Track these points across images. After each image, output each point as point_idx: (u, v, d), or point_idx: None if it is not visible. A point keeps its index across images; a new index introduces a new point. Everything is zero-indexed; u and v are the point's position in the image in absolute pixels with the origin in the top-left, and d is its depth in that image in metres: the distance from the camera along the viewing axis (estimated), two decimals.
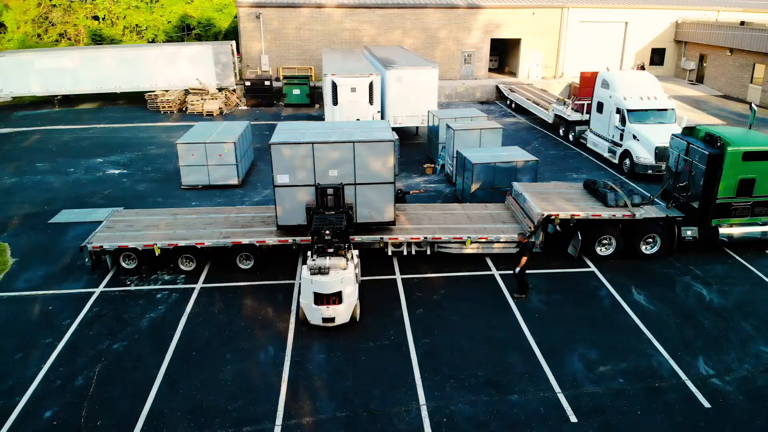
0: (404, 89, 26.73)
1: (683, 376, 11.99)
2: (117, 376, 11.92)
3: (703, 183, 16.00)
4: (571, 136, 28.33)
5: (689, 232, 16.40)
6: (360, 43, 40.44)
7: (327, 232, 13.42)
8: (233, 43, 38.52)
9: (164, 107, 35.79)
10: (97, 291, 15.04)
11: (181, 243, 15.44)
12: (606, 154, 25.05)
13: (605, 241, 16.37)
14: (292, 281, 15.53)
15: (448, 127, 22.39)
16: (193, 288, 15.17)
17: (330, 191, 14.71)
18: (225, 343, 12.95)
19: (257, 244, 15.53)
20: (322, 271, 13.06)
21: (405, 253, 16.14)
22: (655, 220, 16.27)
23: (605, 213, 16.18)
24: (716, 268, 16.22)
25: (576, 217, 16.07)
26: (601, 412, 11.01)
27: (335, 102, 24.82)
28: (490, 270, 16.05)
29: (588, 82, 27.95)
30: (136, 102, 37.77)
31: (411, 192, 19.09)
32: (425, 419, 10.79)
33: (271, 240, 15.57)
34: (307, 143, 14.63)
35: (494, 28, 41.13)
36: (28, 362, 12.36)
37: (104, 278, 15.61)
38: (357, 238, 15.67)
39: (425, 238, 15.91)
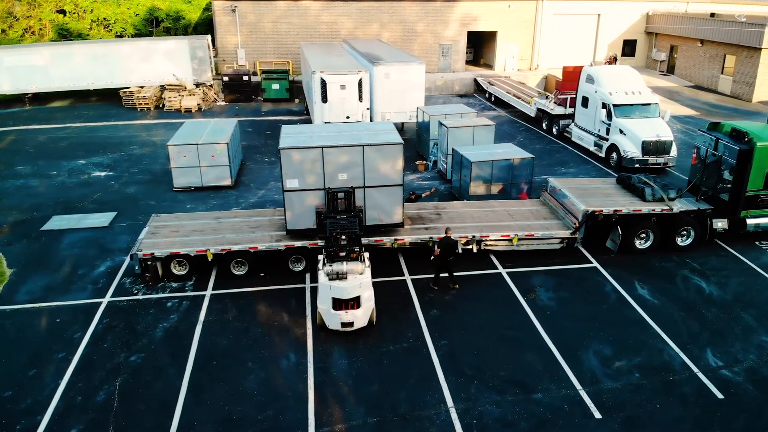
0: (391, 86, 26.75)
1: (694, 369, 12.48)
2: (139, 390, 11.77)
3: (733, 177, 16.68)
4: (554, 130, 28.82)
5: (720, 224, 17.12)
6: (337, 36, 40.18)
7: (343, 237, 13.45)
8: (209, 37, 37.80)
9: (140, 104, 34.97)
10: (105, 301, 14.76)
11: (234, 248, 15.31)
12: (592, 148, 25.59)
13: (643, 235, 16.94)
14: (301, 285, 15.51)
15: (441, 124, 22.55)
16: (203, 295, 15.02)
17: (341, 195, 14.70)
18: (245, 351, 12.90)
19: (309, 247, 15.51)
20: (340, 276, 13.12)
21: None
22: (689, 213, 16.94)
23: (645, 208, 16.80)
24: (711, 260, 16.84)
25: (619, 213, 16.58)
26: (622, 407, 11.39)
27: (324, 99, 24.69)
28: (497, 268, 16.33)
29: (571, 76, 28.47)
30: (109, 99, 36.78)
31: (424, 194, 19.10)
32: (455, 421, 11.00)
33: (322, 243, 15.43)
34: (316, 147, 14.59)
35: (471, 21, 41.36)
36: (43, 379, 12.10)
37: (110, 288, 15.33)
38: (407, 238, 15.90)
39: (473, 236, 16.16)
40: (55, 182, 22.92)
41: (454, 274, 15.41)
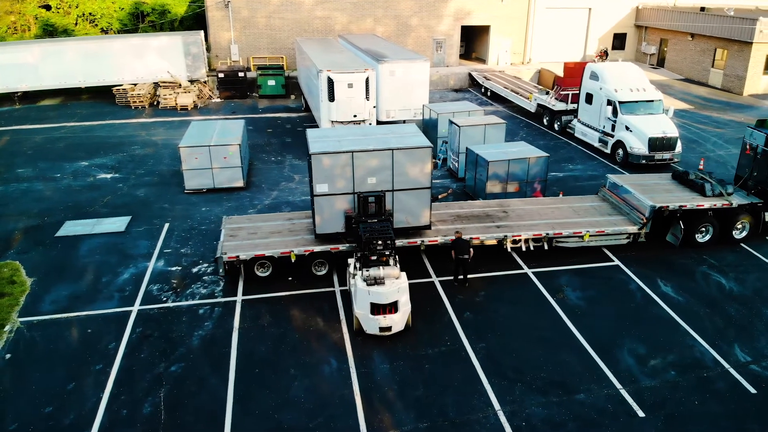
0: (397, 83, 26.79)
1: (725, 365, 12.84)
2: (185, 401, 11.72)
3: None
4: (556, 126, 29.11)
5: None
6: (332, 31, 39.94)
7: (379, 242, 13.49)
8: (202, 32, 37.27)
9: (135, 102, 34.42)
10: (134, 310, 14.61)
11: (317, 249, 15.46)
12: (596, 144, 25.92)
13: (703, 229, 17.48)
14: (330, 289, 15.53)
15: (452, 123, 22.64)
16: (235, 301, 14.95)
17: (371, 199, 14.73)
18: (285, 358, 12.90)
19: None
20: (378, 281, 13.17)
21: (524, 248, 16.69)
22: (743, 207, 17.52)
23: (706, 203, 17.30)
24: (727, 256, 17.25)
25: (684, 208, 17.12)
26: (663, 405, 11.68)
27: (332, 98, 24.55)
28: (522, 268, 16.54)
29: (572, 72, 28.74)
30: (101, 97, 36.12)
31: (440, 196, 19.15)
32: (505, 424, 11.17)
33: (400, 242, 15.83)
34: (347, 152, 14.57)
35: (464, 15, 41.43)
36: (84, 392, 11.95)
37: (137, 295, 15.17)
38: (481, 236, 16.29)
39: (546, 234, 16.55)
40: (60, 185, 22.50)
41: (469, 276, 15.77)
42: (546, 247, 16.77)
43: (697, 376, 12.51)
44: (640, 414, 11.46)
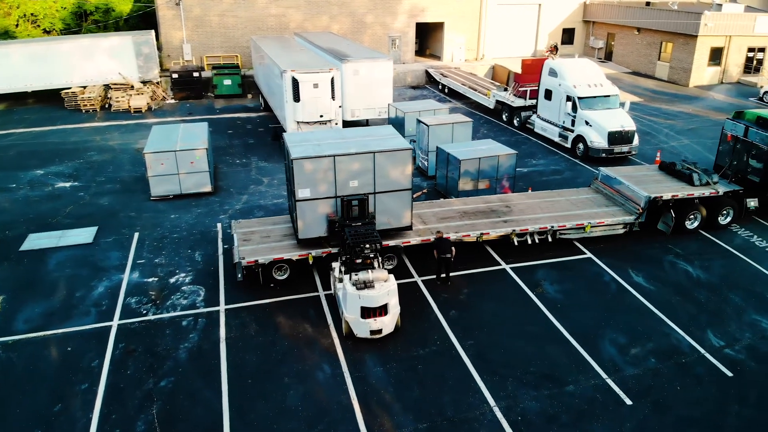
0: (360, 82, 26.79)
1: (701, 350, 13.50)
2: (180, 416, 11.50)
3: (764, 160, 18.62)
4: (516, 122, 29.73)
5: (752, 203, 18.90)
6: (287, 29, 39.51)
7: (367, 246, 13.54)
8: (153, 32, 36.21)
9: (85, 106, 33.18)
10: (114, 324, 14.18)
11: (334, 250, 15.40)
12: (556, 139, 26.63)
13: (692, 216, 18.35)
14: (315, 293, 15.46)
15: (420, 122, 22.83)
16: (218, 311, 14.72)
17: (354, 202, 14.75)
18: (277, 367, 12.82)
19: (402, 245, 15.98)
20: (368, 285, 13.23)
21: (529, 242, 17.30)
22: (727, 194, 18.52)
23: (696, 192, 18.27)
24: (691, 245, 18.09)
25: (675, 197, 17.97)
26: (648, 392, 12.21)
27: (297, 99, 24.33)
28: (500, 264, 16.90)
29: (530, 69, 29.40)
30: (49, 101, 34.64)
31: (415, 195, 19.23)
32: (502, 420, 11.45)
33: (415, 240, 16.13)
34: (329, 156, 14.53)
35: (419, 12, 41.70)
36: (72, 413, 11.57)
37: (115, 309, 14.73)
38: (492, 232, 16.78)
39: (551, 226, 17.22)
40: (17, 196, 21.52)
41: (451, 274, 16.04)
42: (550, 239, 17.44)
43: (676, 362, 13.12)
44: (628, 402, 11.94)
